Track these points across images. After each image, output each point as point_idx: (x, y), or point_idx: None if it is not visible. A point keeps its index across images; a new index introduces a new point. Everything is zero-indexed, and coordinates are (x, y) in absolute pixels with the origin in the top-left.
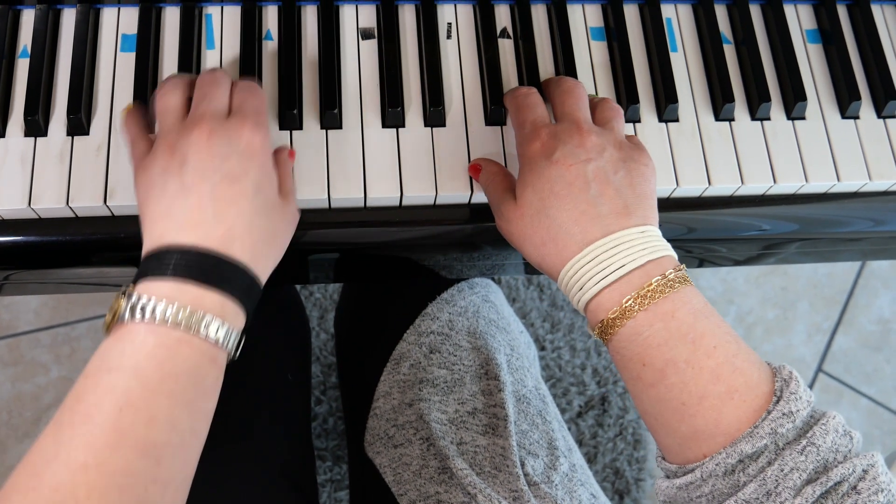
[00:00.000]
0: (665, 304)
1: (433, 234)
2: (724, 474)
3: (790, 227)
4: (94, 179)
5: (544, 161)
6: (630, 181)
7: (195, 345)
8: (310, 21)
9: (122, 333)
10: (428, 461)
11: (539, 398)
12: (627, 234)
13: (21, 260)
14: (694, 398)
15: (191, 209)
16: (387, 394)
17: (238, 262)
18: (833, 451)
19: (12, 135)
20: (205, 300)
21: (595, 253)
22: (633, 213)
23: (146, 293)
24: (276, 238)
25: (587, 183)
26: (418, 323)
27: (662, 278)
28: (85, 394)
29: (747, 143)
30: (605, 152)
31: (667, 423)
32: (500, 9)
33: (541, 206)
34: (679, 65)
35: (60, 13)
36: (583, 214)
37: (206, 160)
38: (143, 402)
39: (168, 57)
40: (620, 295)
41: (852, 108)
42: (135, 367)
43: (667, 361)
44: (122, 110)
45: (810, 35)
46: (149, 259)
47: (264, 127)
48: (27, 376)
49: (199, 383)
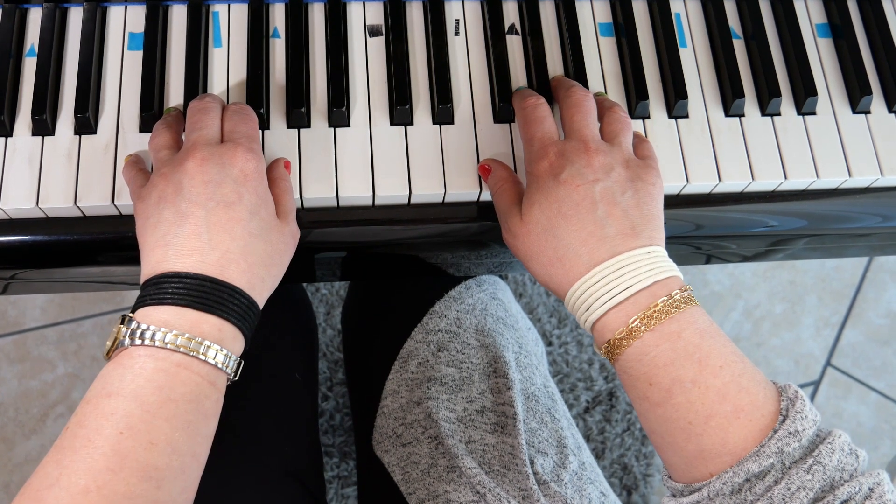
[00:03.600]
0: (671, 324)
1: (441, 232)
2: (730, 493)
3: (798, 224)
4: (102, 179)
5: (552, 180)
6: (637, 201)
7: (194, 369)
8: (317, 18)
9: (122, 359)
10: (437, 460)
11: (548, 396)
12: (634, 256)
13: (28, 259)
14: (700, 417)
15: (187, 236)
16: (395, 392)
17: (234, 287)
18: (839, 470)
19: (20, 134)
20: (203, 325)
21: (602, 274)
22: (639, 234)
23: (145, 320)
24: (274, 260)
25: (594, 204)
26: (426, 321)
27: (668, 299)
28: (86, 418)
29: (757, 139)
30: (612, 172)
31: (673, 442)
32: (508, 5)
33: (548, 225)
34: (688, 60)
35: (67, 12)
36: (590, 235)
37: (199, 187)
38: (144, 425)
39: (175, 55)
40: (627, 315)
41: (863, 102)
42: (135, 392)
43: (673, 381)
44: (125, 158)
45: (820, 29)
46: (147, 286)
47: (257, 151)
48: (34, 373)
49: (199, 407)
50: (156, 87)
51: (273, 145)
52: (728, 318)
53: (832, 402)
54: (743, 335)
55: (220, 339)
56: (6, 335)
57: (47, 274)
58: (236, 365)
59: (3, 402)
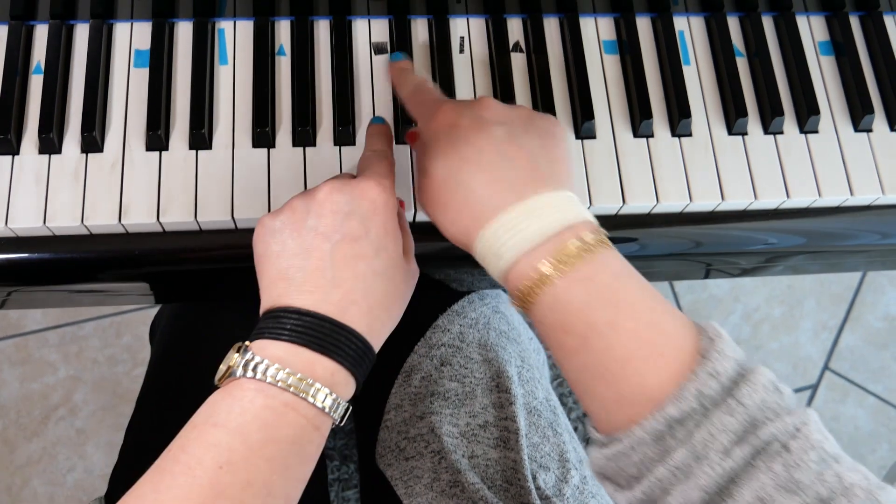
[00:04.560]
0: (584, 268)
1: (445, 248)
2: (652, 441)
3: (797, 241)
4: (109, 197)
5: (451, 129)
6: (542, 143)
7: (301, 410)
8: (322, 36)
9: (232, 389)
10: (440, 474)
11: (550, 409)
12: (542, 199)
13: (31, 277)
14: (617, 363)
15: (310, 272)
16: (398, 406)
17: (352, 330)
18: (762, 409)
19: (27, 152)
20: (316, 367)
21: (510, 218)
22: (547, 178)
23: (260, 353)
24: (395, 301)
25: (497, 146)
26: (429, 335)
27: (580, 242)
28: (189, 444)
29: (760, 158)
30: (512, 114)
31: (593, 390)
32: (513, 22)
33: (451, 173)
34: (692, 78)
35: (73, 29)
36: (495, 180)
37: (328, 217)
38: (244, 463)
39: (181, 73)
40: (537, 261)
41: (865, 121)
42: (240, 427)
43: (588, 325)
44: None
45: (823, 47)
46: (267, 317)
47: (389, 188)
48: (35, 375)
49: (300, 451)
50: (162, 105)
51: (278, 164)
52: (727, 321)
53: (830, 406)
54: (741, 338)
55: (331, 384)
56: (7, 337)
57: (49, 289)
58: (344, 410)
59: (5, 404)
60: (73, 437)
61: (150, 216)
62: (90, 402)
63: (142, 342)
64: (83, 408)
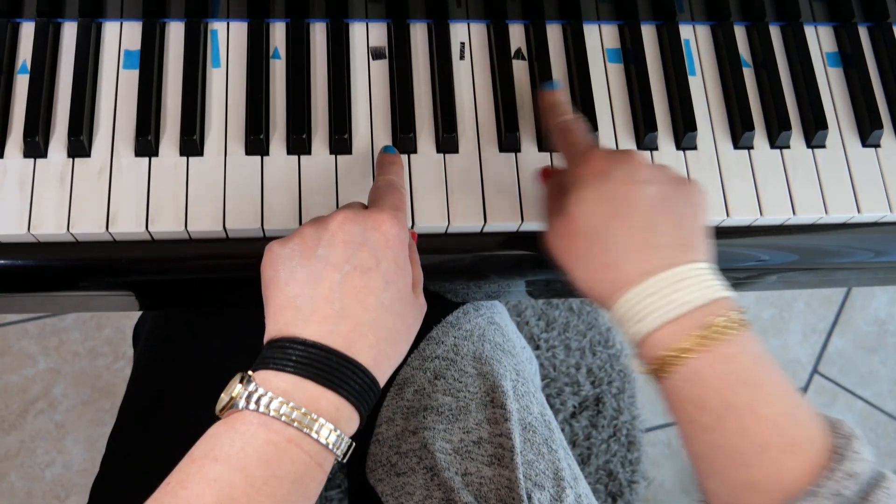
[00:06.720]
0: (728, 346)
1: (441, 262)
2: None
3: (789, 258)
4: (96, 204)
5: (603, 178)
6: (691, 212)
7: (305, 447)
8: (318, 39)
9: (234, 422)
10: (432, 492)
11: (545, 425)
12: (692, 270)
13: (13, 284)
14: (754, 448)
15: (319, 302)
16: (390, 420)
17: (359, 364)
18: None
19: (11, 156)
20: (321, 401)
21: (659, 285)
22: (694, 247)
23: (264, 385)
24: (402, 335)
25: (649, 206)
26: (423, 347)
27: (727, 319)
28: (189, 480)
29: (766, 173)
30: (661, 175)
31: (721, 470)
32: (515, 28)
33: (599, 225)
34: (697, 89)
35: (61, 27)
36: (644, 243)
37: (338, 248)
38: (245, 499)
39: (172, 75)
40: (683, 332)
41: (874, 136)
42: (242, 462)
43: (726, 406)
44: None
45: (830, 58)
46: (272, 347)
47: (401, 220)
48: (14, 367)
49: (303, 488)
50: (152, 109)
51: (272, 172)
52: None
53: (818, 411)
54: None
55: (335, 419)
56: None
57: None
58: (347, 447)
59: None
60: (52, 431)
61: (139, 225)
62: (70, 395)
63: (123, 335)
64: (63, 401)
